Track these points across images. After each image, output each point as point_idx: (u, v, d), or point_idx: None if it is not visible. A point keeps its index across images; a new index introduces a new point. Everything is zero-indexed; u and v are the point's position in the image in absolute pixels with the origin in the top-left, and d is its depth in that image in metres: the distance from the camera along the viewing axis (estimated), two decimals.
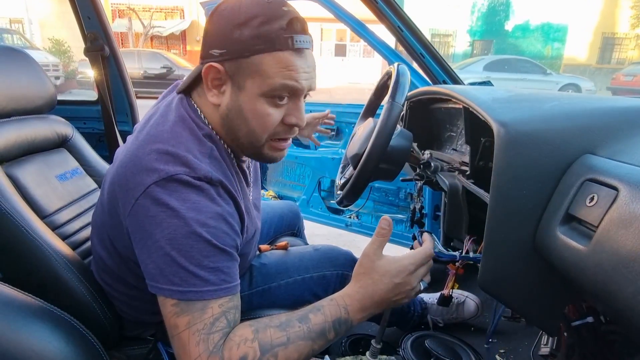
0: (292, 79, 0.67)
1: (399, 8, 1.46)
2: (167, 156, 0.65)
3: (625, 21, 16.77)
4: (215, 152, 0.71)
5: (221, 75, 0.69)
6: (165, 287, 0.62)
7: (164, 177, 0.63)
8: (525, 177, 0.67)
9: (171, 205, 0.62)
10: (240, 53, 0.66)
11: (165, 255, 0.62)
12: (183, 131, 0.70)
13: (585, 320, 0.82)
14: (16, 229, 0.79)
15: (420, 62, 1.53)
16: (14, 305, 0.64)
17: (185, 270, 0.62)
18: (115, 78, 1.60)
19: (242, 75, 0.67)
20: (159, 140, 0.68)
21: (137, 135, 0.73)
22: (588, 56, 17.37)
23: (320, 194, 2.10)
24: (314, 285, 1.00)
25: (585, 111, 0.74)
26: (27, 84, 1.03)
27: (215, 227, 0.64)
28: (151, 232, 0.63)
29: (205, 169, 0.66)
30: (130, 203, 0.65)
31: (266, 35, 0.65)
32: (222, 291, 0.64)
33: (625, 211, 0.52)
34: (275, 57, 0.66)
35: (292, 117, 0.72)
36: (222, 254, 0.65)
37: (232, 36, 0.66)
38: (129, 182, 0.66)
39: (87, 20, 1.51)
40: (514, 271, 0.71)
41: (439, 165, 1.05)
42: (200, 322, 0.61)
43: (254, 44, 0.65)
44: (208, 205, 0.65)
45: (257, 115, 0.69)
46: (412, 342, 1.03)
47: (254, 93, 0.68)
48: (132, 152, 0.68)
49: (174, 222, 0.62)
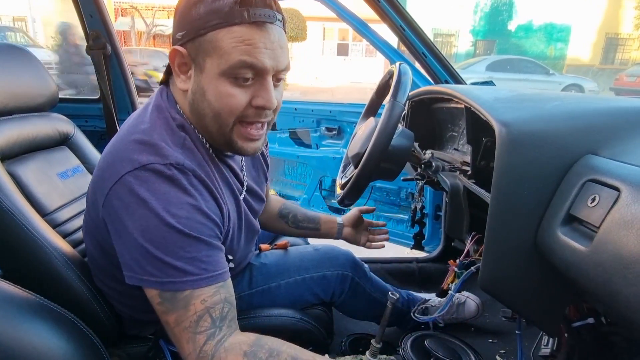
0: (250, 54, 0.63)
1: (402, 7, 1.46)
2: (142, 146, 0.65)
3: (628, 21, 16.70)
4: (188, 142, 0.70)
5: (186, 59, 0.67)
6: (143, 277, 0.62)
7: (137, 166, 0.63)
8: (527, 177, 0.67)
9: (142, 196, 0.62)
10: (197, 31, 0.64)
11: (139, 247, 0.62)
12: (157, 121, 0.70)
13: (586, 321, 0.81)
14: (17, 227, 0.79)
15: (422, 62, 1.53)
16: (14, 303, 0.64)
17: (160, 261, 0.61)
18: (117, 76, 1.60)
19: (202, 55, 0.65)
20: (135, 131, 0.68)
21: (121, 129, 0.73)
22: (591, 57, 17.30)
23: (322, 193, 2.10)
24: (314, 285, 1.00)
25: (588, 111, 0.74)
26: (28, 82, 1.03)
27: (187, 217, 0.63)
28: (124, 222, 0.63)
29: (176, 156, 0.65)
30: (105, 193, 0.65)
31: (220, 9, 0.62)
32: (204, 280, 0.63)
33: (626, 212, 0.52)
34: (230, 32, 0.63)
35: (258, 99, 0.67)
36: (198, 243, 0.64)
37: (189, 16, 0.64)
38: (105, 172, 0.66)
39: (89, 18, 1.51)
40: (515, 271, 0.71)
41: (440, 165, 1.05)
42: (186, 319, 0.61)
43: (208, 20, 0.63)
44: (179, 196, 0.64)
45: (220, 97, 0.66)
46: (412, 342, 1.03)
47: (214, 73, 0.65)
48: (112, 144, 0.69)
49: (145, 212, 0.61)
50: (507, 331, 1.34)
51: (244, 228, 0.84)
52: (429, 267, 1.70)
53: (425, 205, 1.72)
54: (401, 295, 1.24)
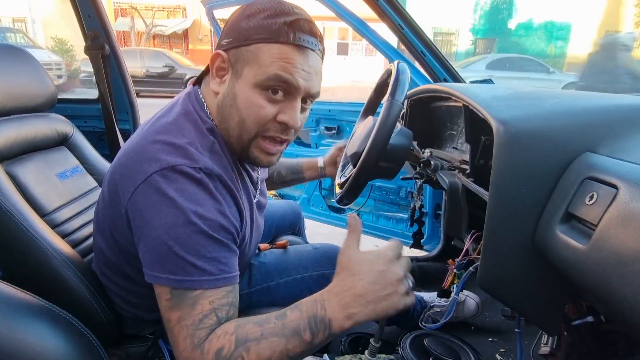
0: (287, 71, 0.67)
1: (400, 6, 1.45)
2: (170, 147, 0.66)
3: (629, 19, 16.67)
4: (216, 146, 0.72)
5: (225, 64, 0.70)
6: (162, 275, 0.63)
7: (165, 166, 0.64)
8: (525, 176, 0.67)
9: (170, 195, 0.63)
10: (242, 41, 0.68)
11: (162, 244, 0.62)
12: (187, 123, 0.71)
13: (585, 319, 0.81)
14: (16, 227, 0.79)
15: (421, 61, 1.53)
16: (13, 304, 0.64)
17: (182, 259, 0.62)
18: (115, 76, 1.60)
19: (242, 63, 0.69)
20: (163, 131, 0.69)
21: (142, 127, 0.74)
22: None
23: (321, 193, 2.10)
24: (313, 284, 1.00)
25: (586, 109, 0.74)
26: (27, 82, 1.03)
27: (212, 220, 0.65)
28: (149, 220, 0.63)
29: (205, 161, 0.67)
30: (130, 191, 0.65)
31: (269, 26, 0.66)
32: (220, 281, 0.64)
33: (624, 210, 0.51)
34: (273, 48, 0.67)
35: (284, 115, 0.70)
36: (219, 245, 0.65)
37: (239, 26, 0.68)
38: (130, 170, 0.67)
39: (87, 18, 1.51)
40: (513, 270, 0.71)
41: (439, 164, 1.04)
42: (189, 317, 0.62)
43: (256, 33, 0.67)
44: (206, 198, 0.65)
45: (250, 105, 0.69)
46: (411, 341, 1.03)
47: (249, 81, 0.68)
48: (136, 142, 0.70)
49: (172, 211, 0.62)
50: (507, 330, 1.34)
51: (254, 230, 0.85)
52: (428, 266, 1.70)
53: (425, 204, 1.72)
54: None
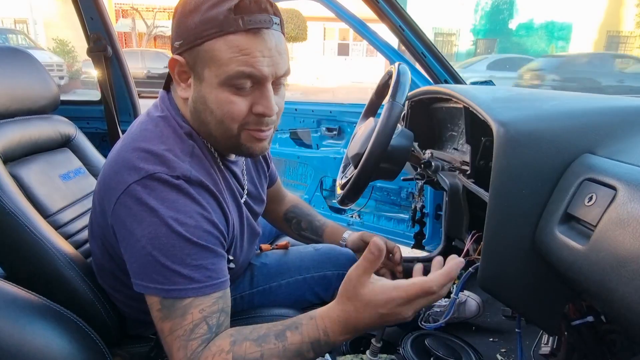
0: (248, 64, 0.63)
1: (400, 7, 1.46)
2: (148, 154, 0.66)
3: (630, 19, 16.65)
4: (196, 150, 0.71)
5: (185, 68, 0.67)
6: (150, 285, 0.63)
7: (144, 175, 0.63)
8: (525, 177, 0.67)
9: (150, 204, 0.62)
10: (193, 41, 0.63)
11: (147, 255, 0.62)
12: (164, 129, 0.70)
13: (586, 319, 0.81)
14: (20, 228, 0.80)
15: (421, 62, 1.53)
16: (17, 304, 0.65)
17: (167, 269, 0.62)
18: (118, 78, 1.61)
19: (200, 64, 0.65)
20: (141, 138, 0.68)
21: (125, 135, 0.73)
22: None
23: (322, 194, 2.11)
24: (314, 285, 1.00)
25: (585, 110, 0.74)
26: (30, 84, 1.03)
27: (195, 226, 0.64)
28: (132, 231, 0.63)
29: (184, 168, 0.66)
30: (113, 201, 0.65)
31: (214, 18, 0.61)
32: (209, 288, 0.63)
33: (623, 211, 0.52)
34: (226, 41, 0.62)
35: (258, 106, 0.67)
36: (205, 252, 0.65)
37: (185, 25, 0.64)
38: (112, 180, 0.66)
39: (90, 20, 1.52)
40: (513, 270, 0.71)
41: (439, 165, 1.05)
42: (180, 328, 0.61)
43: (203, 29, 0.62)
44: (187, 204, 0.64)
45: (221, 105, 0.66)
46: (413, 341, 1.03)
47: (213, 82, 0.65)
48: (117, 151, 0.69)
49: (154, 220, 0.62)
50: (508, 330, 1.34)
51: (245, 232, 0.85)
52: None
53: (426, 204, 1.73)
54: None
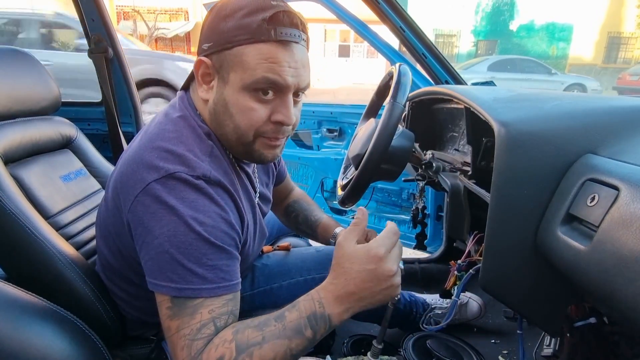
0: (274, 72, 0.65)
1: (401, 8, 1.46)
2: (168, 154, 0.66)
3: (631, 20, 16.64)
4: (215, 151, 0.72)
5: (210, 70, 0.69)
6: (163, 283, 0.63)
7: (164, 174, 0.64)
8: (526, 177, 0.67)
9: (170, 203, 0.63)
10: (223, 45, 0.66)
11: (164, 253, 0.62)
12: (184, 129, 0.71)
13: (588, 320, 0.81)
14: (21, 229, 0.80)
15: (422, 62, 1.53)
16: (18, 305, 0.65)
17: (183, 267, 0.62)
18: (119, 80, 1.61)
19: (226, 67, 0.67)
20: (160, 138, 0.69)
21: (142, 134, 0.74)
22: (594, 56, 17.23)
23: (323, 195, 2.10)
24: (315, 286, 0.99)
25: (587, 111, 0.74)
26: (31, 86, 1.04)
27: (213, 226, 0.64)
28: (150, 229, 0.63)
29: (204, 168, 0.67)
30: (131, 200, 0.65)
31: (248, 25, 0.64)
32: (221, 289, 0.64)
33: (625, 211, 0.52)
34: (256, 48, 0.64)
35: (278, 115, 0.69)
36: (221, 252, 0.65)
37: (218, 29, 0.66)
38: (130, 179, 0.67)
39: (91, 22, 1.52)
40: (515, 271, 0.71)
41: (440, 166, 1.05)
42: (187, 327, 0.61)
43: (236, 35, 0.64)
44: (206, 204, 0.65)
45: (241, 110, 0.68)
46: (414, 342, 1.03)
47: (237, 86, 0.67)
48: (135, 150, 0.70)
49: (172, 219, 0.62)
50: (510, 331, 1.34)
51: (257, 233, 0.85)
52: (431, 268, 1.70)
53: (427, 205, 1.72)
54: (403, 296, 1.24)
